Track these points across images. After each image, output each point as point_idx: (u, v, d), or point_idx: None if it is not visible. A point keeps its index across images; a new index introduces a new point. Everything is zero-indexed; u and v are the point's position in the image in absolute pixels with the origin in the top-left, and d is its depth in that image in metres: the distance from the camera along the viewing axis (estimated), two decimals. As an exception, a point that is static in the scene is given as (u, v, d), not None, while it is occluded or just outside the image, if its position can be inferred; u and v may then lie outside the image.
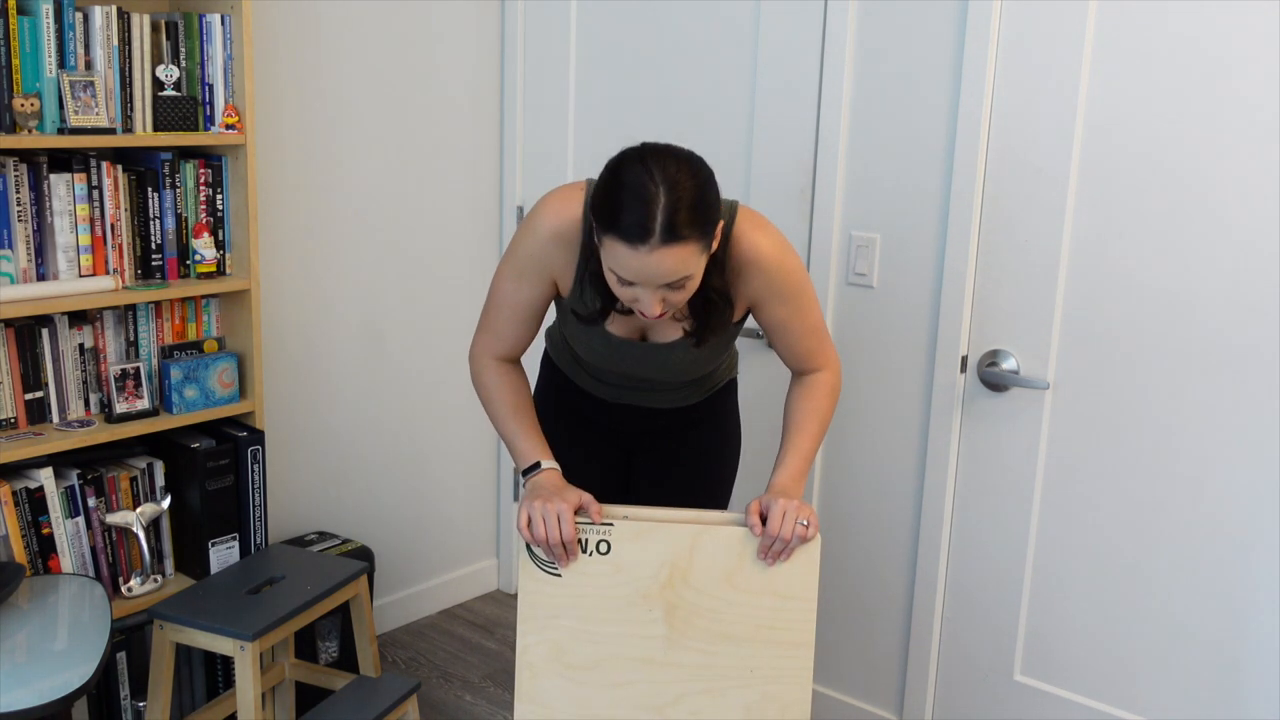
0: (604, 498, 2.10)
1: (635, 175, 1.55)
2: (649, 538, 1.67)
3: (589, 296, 1.76)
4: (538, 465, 1.78)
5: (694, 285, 1.64)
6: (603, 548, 1.68)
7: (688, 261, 1.57)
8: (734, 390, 2.16)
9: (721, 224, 1.67)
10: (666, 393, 2.02)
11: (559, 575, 1.68)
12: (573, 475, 1.80)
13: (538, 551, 1.69)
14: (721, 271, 1.73)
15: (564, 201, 1.77)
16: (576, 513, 1.68)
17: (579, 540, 1.68)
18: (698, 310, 1.76)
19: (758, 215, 1.79)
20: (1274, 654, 2.11)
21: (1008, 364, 2.35)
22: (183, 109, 2.35)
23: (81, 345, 2.33)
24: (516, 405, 1.84)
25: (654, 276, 1.57)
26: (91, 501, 2.31)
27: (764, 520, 1.66)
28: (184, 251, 2.43)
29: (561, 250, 1.77)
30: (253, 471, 2.49)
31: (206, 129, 2.39)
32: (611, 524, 1.68)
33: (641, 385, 1.99)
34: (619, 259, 1.57)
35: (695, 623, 1.68)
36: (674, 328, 1.83)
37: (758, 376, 2.62)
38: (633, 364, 1.90)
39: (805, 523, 1.64)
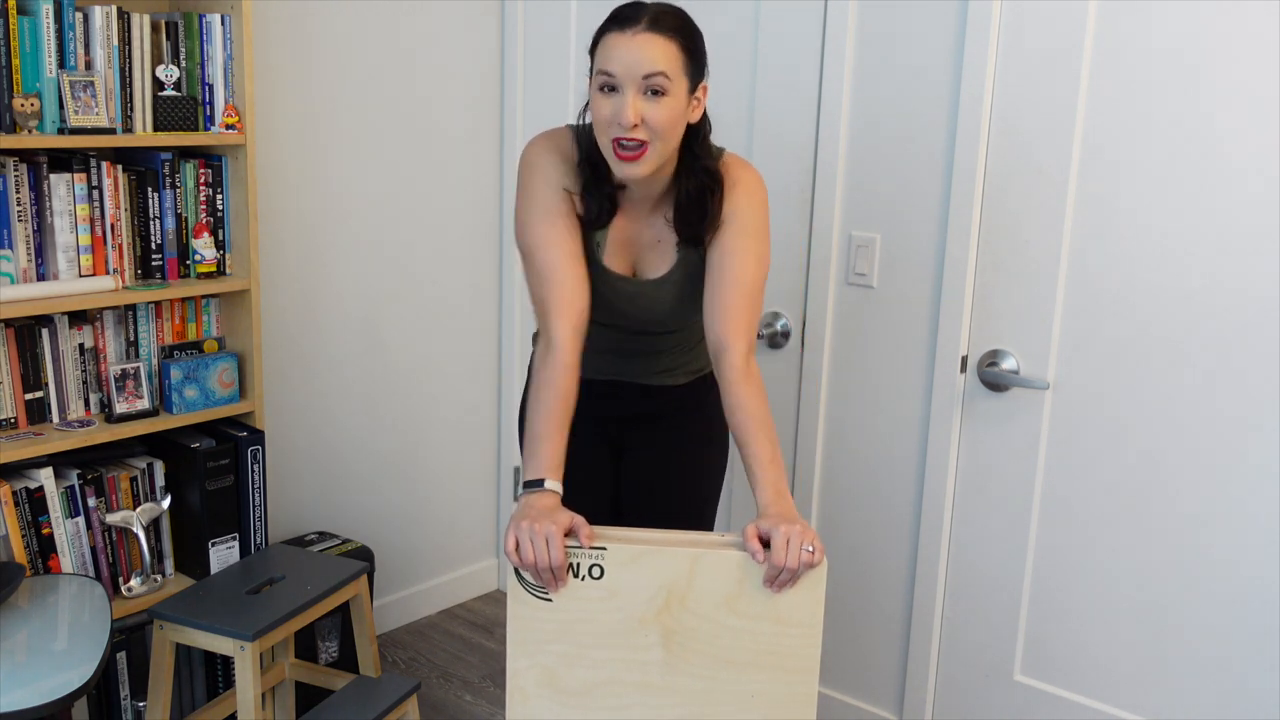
0: (593, 493, 2.10)
1: (630, 2, 1.74)
2: (644, 562, 1.61)
3: (591, 204, 1.84)
4: (540, 483, 1.67)
5: (672, 109, 1.70)
6: (595, 572, 1.61)
7: (670, 57, 1.68)
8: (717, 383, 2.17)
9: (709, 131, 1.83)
10: (651, 359, 2.03)
11: (549, 600, 1.62)
12: (565, 472, 1.78)
13: (526, 575, 1.62)
14: (711, 159, 1.83)
15: (551, 134, 1.90)
16: (567, 535, 1.60)
17: (570, 565, 1.61)
18: (686, 205, 1.82)
19: (745, 160, 1.90)
20: (1274, 654, 2.11)
21: (1008, 364, 2.35)
22: (183, 109, 2.35)
23: (81, 345, 2.33)
24: (565, 412, 1.73)
25: (637, 61, 1.67)
26: (91, 501, 2.31)
27: (765, 545, 1.58)
28: (184, 251, 2.43)
29: (566, 167, 1.85)
30: (253, 471, 2.49)
31: (206, 129, 2.40)
32: (604, 548, 1.61)
33: (626, 346, 2.00)
34: (607, 51, 1.69)
35: (694, 648, 1.62)
36: (660, 260, 1.88)
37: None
38: (627, 304, 1.91)
39: (811, 549, 1.56)
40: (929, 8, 2.35)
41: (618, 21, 1.71)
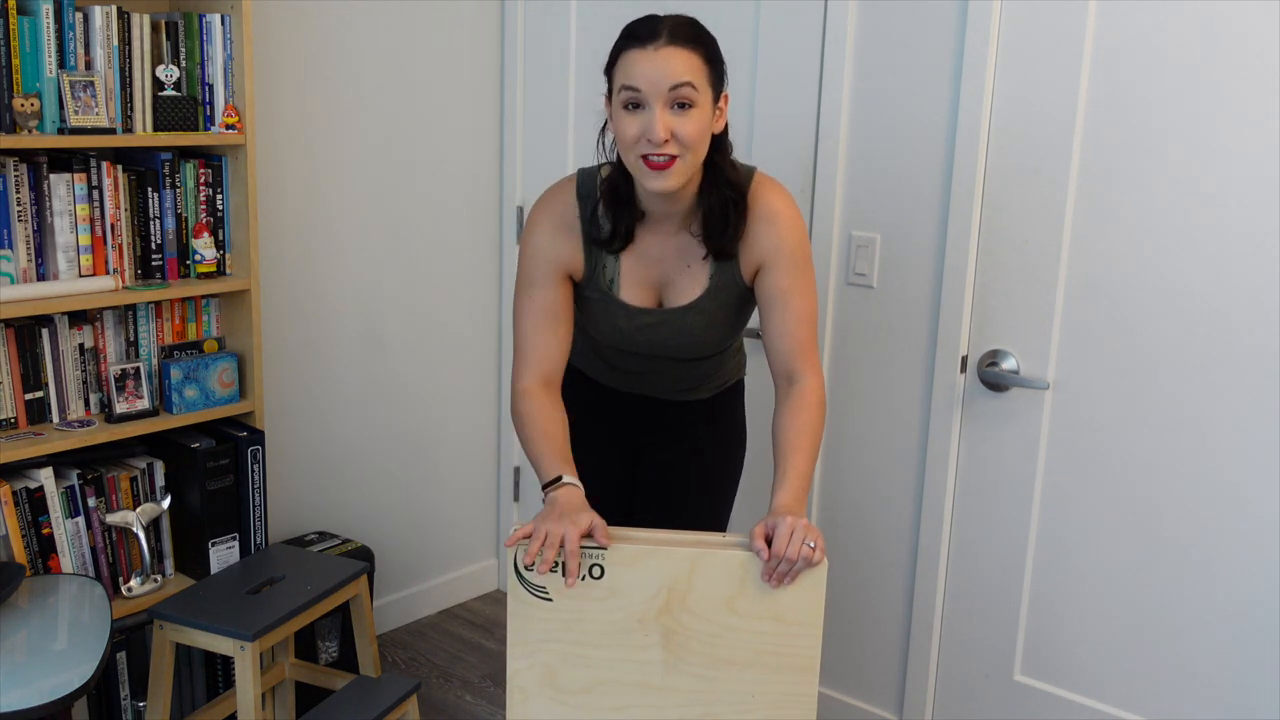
0: (610, 493, 2.10)
1: (642, 18, 1.72)
2: (645, 562, 1.61)
3: (604, 224, 1.82)
4: (559, 479, 1.70)
5: (700, 120, 1.68)
6: (595, 572, 1.61)
7: (694, 69, 1.66)
8: (741, 393, 2.17)
9: (743, 173, 1.82)
10: (677, 382, 2.02)
11: (550, 599, 1.63)
12: (581, 470, 1.79)
13: (527, 576, 1.62)
14: (734, 171, 1.81)
15: (553, 194, 1.88)
16: (585, 536, 1.61)
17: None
18: (711, 217, 1.79)
19: (776, 181, 1.86)
20: (1275, 654, 2.11)
21: (1008, 364, 2.35)
22: (183, 109, 2.35)
23: (81, 345, 2.33)
24: (545, 430, 1.77)
25: (662, 75, 1.64)
26: (91, 501, 2.31)
27: (769, 542, 1.59)
28: (184, 251, 2.43)
29: (565, 237, 1.83)
30: (253, 471, 2.49)
31: (206, 129, 2.39)
32: (605, 547, 1.61)
33: (656, 371, 1.99)
34: (629, 68, 1.66)
35: (694, 647, 1.63)
36: (689, 286, 1.85)
37: (765, 380, 2.61)
38: (650, 334, 1.89)
39: (812, 545, 1.57)
40: (929, 8, 2.35)
41: (636, 38, 1.67)
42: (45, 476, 2.23)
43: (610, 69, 1.73)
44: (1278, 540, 2.08)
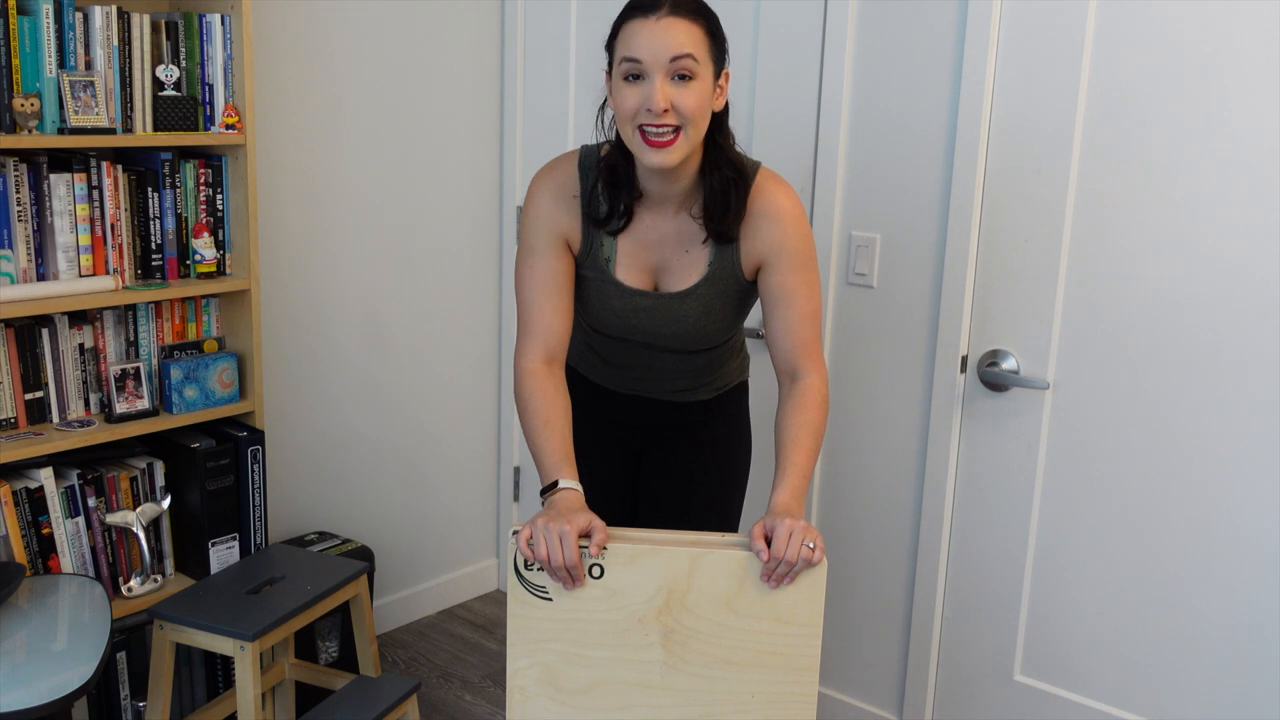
0: (612, 498, 2.09)
1: None
2: (644, 561, 1.61)
3: (602, 203, 1.82)
4: (554, 485, 1.69)
5: (700, 93, 1.67)
6: (595, 572, 1.61)
7: (696, 40, 1.65)
8: (745, 394, 2.15)
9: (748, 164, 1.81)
10: (675, 379, 2.01)
11: (549, 599, 1.63)
12: (582, 475, 1.78)
13: (527, 575, 1.63)
14: (736, 152, 1.80)
15: (556, 163, 1.88)
16: (583, 537, 1.60)
17: None
18: (712, 199, 1.78)
19: (781, 178, 1.84)
20: (1274, 654, 2.11)
21: (1008, 364, 2.35)
22: (183, 109, 2.35)
23: (81, 345, 2.33)
24: (547, 419, 1.76)
25: (663, 46, 1.63)
26: (91, 501, 2.31)
27: (768, 542, 1.59)
28: (184, 251, 2.43)
29: (565, 207, 1.83)
30: (253, 471, 2.49)
31: (206, 129, 2.40)
32: (604, 547, 1.61)
33: (653, 365, 1.98)
34: (631, 38, 1.66)
35: (694, 647, 1.63)
36: (686, 273, 1.83)
37: (768, 381, 2.62)
38: (645, 319, 1.87)
39: (812, 545, 1.57)
40: (929, 7, 2.35)
41: (639, 9, 1.67)
42: (45, 476, 2.23)
43: (611, 42, 1.72)
44: (1277, 539, 2.08)
